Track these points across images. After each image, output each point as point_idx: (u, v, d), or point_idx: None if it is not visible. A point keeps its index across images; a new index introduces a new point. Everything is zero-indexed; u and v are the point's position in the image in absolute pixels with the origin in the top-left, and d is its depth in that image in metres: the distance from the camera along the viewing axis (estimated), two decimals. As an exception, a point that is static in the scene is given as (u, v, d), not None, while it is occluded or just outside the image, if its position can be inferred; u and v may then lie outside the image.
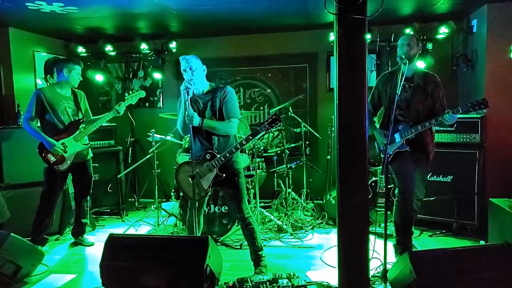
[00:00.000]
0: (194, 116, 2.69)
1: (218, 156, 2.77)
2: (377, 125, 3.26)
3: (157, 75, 5.29)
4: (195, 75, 2.77)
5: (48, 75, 4.86)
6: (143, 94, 3.81)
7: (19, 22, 4.35)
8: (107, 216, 4.80)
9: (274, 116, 2.74)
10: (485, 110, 2.78)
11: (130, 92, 3.86)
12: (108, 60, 5.38)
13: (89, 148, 3.74)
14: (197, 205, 2.85)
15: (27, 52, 4.75)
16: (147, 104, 5.60)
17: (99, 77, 5.22)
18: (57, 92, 3.57)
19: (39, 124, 3.56)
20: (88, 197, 3.88)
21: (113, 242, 2.44)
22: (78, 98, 3.67)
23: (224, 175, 2.82)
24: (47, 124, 3.51)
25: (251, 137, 2.79)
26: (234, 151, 2.78)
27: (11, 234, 2.92)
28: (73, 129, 3.56)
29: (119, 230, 4.23)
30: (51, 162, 3.49)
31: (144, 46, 5.13)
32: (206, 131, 2.82)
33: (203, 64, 2.87)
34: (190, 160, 2.89)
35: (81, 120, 3.62)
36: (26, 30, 4.70)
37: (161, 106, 5.58)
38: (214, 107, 2.82)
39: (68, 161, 3.53)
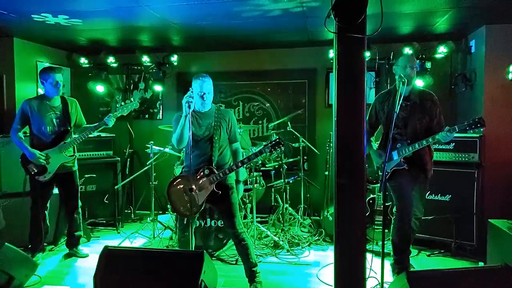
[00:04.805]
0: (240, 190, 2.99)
1: (217, 172, 2.76)
2: (374, 145, 3.26)
3: (158, 87, 5.33)
4: (206, 100, 2.81)
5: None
6: (136, 105, 3.68)
7: (23, 32, 4.40)
8: (103, 227, 4.75)
9: (277, 140, 2.76)
10: (482, 129, 2.79)
11: (122, 103, 3.62)
12: (110, 72, 5.42)
13: (75, 160, 3.65)
14: (188, 221, 2.83)
15: (30, 62, 4.78)
16: (146, 116, 5.62)
17: (100, 88, 5.26)
18: (45, 102, 3.50)
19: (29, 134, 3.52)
20: (80, 209, 3.78)
21: (108, 255, 2.40)
22: (68, 107, 3.58)
23: (220, 192, 2.80)
24: (34, 135, 3.49)
25: (253, 157, 2.80)
26: (234, 168, 2.79)
27: (6, 243, 2.89)
28: (58, 140, 3.48)
29: (114, 242, 4.18)
30: (33, 173, 3.44)
31: (145, 59, 5.18)
32: (208, 145, 2.82)
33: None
34: (184, 174, 2.90)
35: (68, 131, 3.55)
36: (30, 40, 4.75)
37: (161, 118, 5.60)
38: (220, 127, 2.85)
39: (51, 172, 3.46)
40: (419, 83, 4.23)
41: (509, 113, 3.99)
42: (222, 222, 3.67)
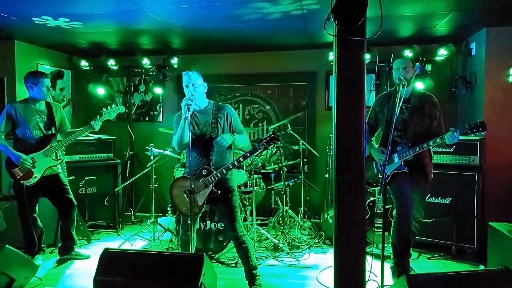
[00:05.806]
0: (226, 138, 2.77)
1: (215, 172, 2.77)
2: (374, 144, 3.26)
3: (158, 90, 5.34)
4: (196, 91, 2.80)
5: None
6: (122, 109, 3.70)
7: (24, 35, 4.41)
8: (103, 230, 4.75)
9: (272, 135, 2.74)
10: (483, 133, 2.78)
11: (109, 107, 3.62)
12: (110, 74, 5.43)
13: (59, 164, 3.59)
14: (191, 222, 2.83)
15: (31, 65, 4.78)
16: (147, 118, 5.63)
17: (100, 91, 5.27)
18: (30, 106, 3.47)
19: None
20: (75, 207, 3.69)
21: (107, 257, 2.41)
22: (53, 111, 3.56)
23: (219, 191, 2.80)
24: (18, 139, 3.44)
25: (248, 155, 2.79)
26: (231, 167, 2.78)
27: (6, 245, 2.89)
28: (43, 144, 3.44)
29: (114, 244, 4.18)
30: (18, 177, 3.38)
31: (146, 61, 5.19)
32: (206, 146, 2.82)
33: (204, 80, 2.92)
34: (186, 175, 2.90)
35: (54, 135, 3.53)
36: (31, 43, 4.77)
37: (161, 120, 5.60)
38: (217, 124, 2.84)
39: (36, 176, 3.40)
40: (420, 85, 4.24)
41: (509, 115, 3.99)
42: (223, 225, 3.68)
